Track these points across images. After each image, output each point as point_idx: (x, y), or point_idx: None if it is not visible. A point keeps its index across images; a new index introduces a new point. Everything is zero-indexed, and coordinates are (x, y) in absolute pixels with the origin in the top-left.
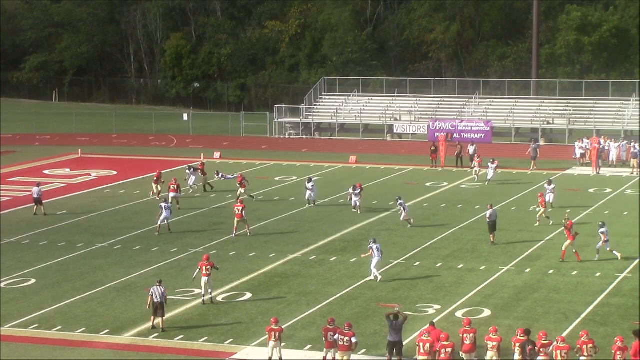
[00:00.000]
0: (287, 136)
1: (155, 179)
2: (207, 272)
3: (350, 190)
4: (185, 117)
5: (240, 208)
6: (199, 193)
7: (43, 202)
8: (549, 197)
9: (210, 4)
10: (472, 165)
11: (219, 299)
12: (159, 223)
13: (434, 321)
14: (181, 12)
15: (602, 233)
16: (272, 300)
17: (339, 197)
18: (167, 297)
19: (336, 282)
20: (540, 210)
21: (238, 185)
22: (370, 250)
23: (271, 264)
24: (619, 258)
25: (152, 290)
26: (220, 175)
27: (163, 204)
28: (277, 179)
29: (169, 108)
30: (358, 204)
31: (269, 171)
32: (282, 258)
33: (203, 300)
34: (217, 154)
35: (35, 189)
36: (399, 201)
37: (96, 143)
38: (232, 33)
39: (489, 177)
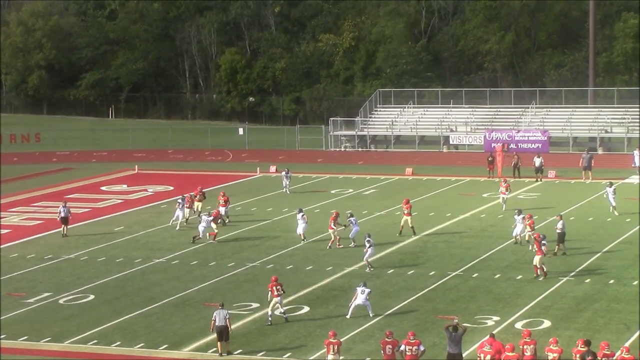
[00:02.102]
0: (342, 149)
1: (196, 196)
2: (278, 293)
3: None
4: (241, 131)
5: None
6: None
7: (69, 221)
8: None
9: (264, 18)
10: (538, 177)
11: (277, 312)
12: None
13: (494, 333)
14: (235, 27)
15: None
16: (330, 314)
17: (396, 210)
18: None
19: (394, 295)
20: (527, 231)
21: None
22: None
23: (328, 277)
24: None
25: (214, 314)
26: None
27: (204, 215)
28: (333, 192)
29: (224, 123)
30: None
31: (325, 184)
32: (340, 271)
33: (270, 322)
34: (272, 168)
35: (62, 208)
36: (350, 218)
37: (152, 159)
38: (286, 47)
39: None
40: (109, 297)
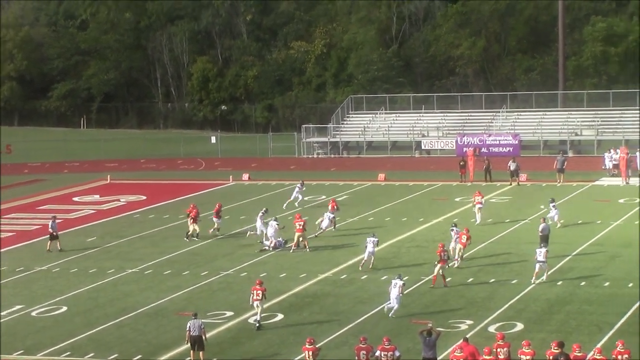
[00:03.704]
0: (315, 156)
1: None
2: (258, 297)
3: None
4: (213, 139)
5: (302, 223)
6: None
7: (58, 236)
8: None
9: (235, 26)
10: (513, 180)
11: (250, 320)
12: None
13: (467, 336)
14: (207, 36)
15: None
16: (304, 321)
17: (369, 215)
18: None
19: (368, 300)
20: (459, 247)
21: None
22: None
23: (302, 284)
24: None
25: (188, 324)
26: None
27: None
28: (306, 198)
29: (196, 131)
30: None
31: None
32: (313, 278)
33: (258, 325)
34: (245, 176)
35: (50, 223)
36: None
37: (125, 169)
38: (258, 55)
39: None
40: (81, 308)
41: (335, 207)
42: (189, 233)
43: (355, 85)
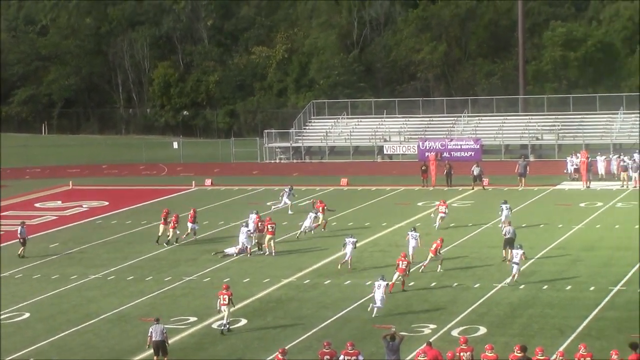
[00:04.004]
0: (277, 161)
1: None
2: (225, 302)
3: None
4: (175, 145)
5: (273, 225)
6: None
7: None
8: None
9: (197, 31)
10: (476, 185)
11: (214, 326)
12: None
13: (430, 341)
14: (168, 41)
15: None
16: (268, 325)
17: (332, 220)
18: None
19: (331, 305)
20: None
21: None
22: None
23: (265, 289)
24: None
25: (150, 329)
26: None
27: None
28: (268, 203)
29: (158, 137)
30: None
31: (260, 196)
32: (277, 283)
33: (228, 328)
34: (208, 181)
35: (19, 229)
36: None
37: (87, 174)
38: (219, 60)
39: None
40: (44, 314)
41: (320, 207)
42: (169, 238)
43: (317, 90)
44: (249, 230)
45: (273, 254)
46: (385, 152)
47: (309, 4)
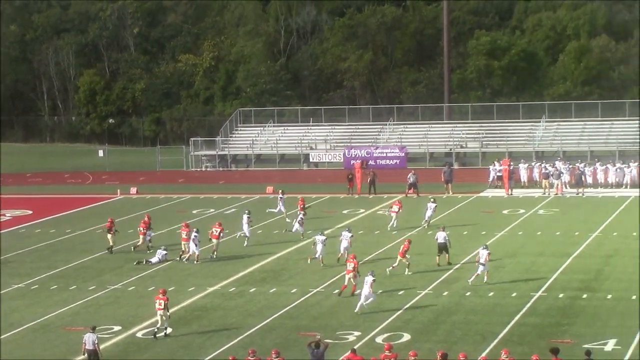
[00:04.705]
0: (203, 169)
1: (107, 228)
2: (160, 307)
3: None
4: (101, 153)
5: (219, 230)
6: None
7: None
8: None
9: (123, 39)
10: (412, 192)
11: (139, 335)
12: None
13: (355, 348)
14: (94, 48)
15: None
16: (193, 334)
17: (257, 228)
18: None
19: (256, 313)
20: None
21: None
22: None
23: (191, 298)
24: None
25: (84, 337)
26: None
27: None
28: (194, 212)
29: (84, 145)
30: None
31: (186, 205)
32: (202, 291)
33: (165, 334)
34: (133, 190)
35: None
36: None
37: (10, 183)
38: (145, 68)
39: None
40: None
41: (301, 206)
42: (138, 244)
43: (244, 98)
44: (196, 235)
45: (214, 256)
46: (311, 160)
47: (236, 11)
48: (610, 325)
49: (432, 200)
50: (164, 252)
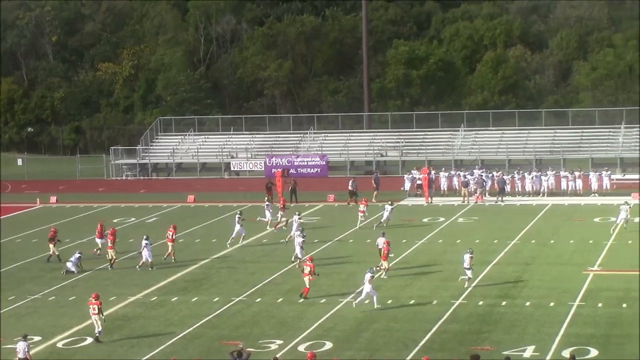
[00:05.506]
0: (124, 177)
1: (49, 238)
2: (95, 312)
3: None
4: (20, 162)
5: (172, 233)
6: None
7: None
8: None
9: (41, 47)
10: (352, 200)
11: (59, 345)
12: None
13: (278, 356)
14: (12, 56)
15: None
16: (115, 344)
17: (179, 237)
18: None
19: (178, 323)
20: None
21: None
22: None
23: (112, 307)
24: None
25: (17, 346)
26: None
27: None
28: (115, 221)
29: (2, 154)
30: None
31: (107, 213)
32: (123, 300)
33: (97, 339)
34: (53, 198)
35: None
36: (145, 241)
37: None
38: (64, 76)
39: (383, 219)
40: None
41: (283, 205)
42: (111, 260)
43: (164, 107)
44: (149, 242)
45: (173, 258)
46: (232, 168)
47: (156, 20)
48: (528, 332)
49: (389, 202)
50: (78, 254)
